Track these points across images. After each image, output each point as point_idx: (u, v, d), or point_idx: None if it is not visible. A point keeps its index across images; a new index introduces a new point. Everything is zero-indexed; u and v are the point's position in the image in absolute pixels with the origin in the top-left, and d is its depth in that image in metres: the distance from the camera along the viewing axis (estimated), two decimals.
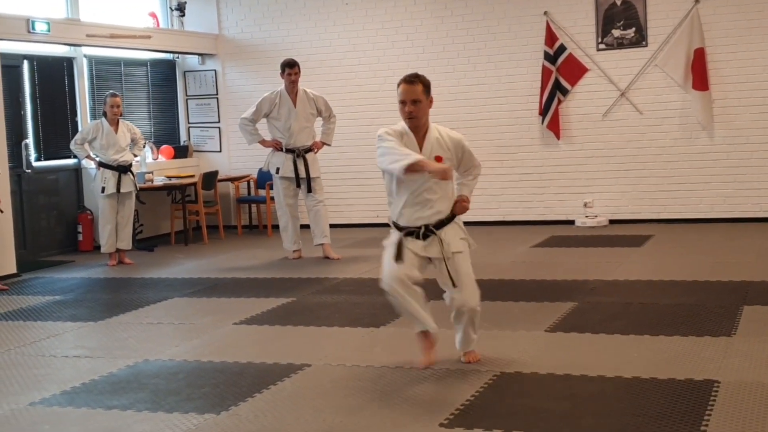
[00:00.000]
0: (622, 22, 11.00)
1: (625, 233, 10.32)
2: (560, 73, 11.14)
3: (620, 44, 11.04)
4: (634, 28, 10.97)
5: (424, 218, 5.25)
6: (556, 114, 11.16)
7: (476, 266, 8.52)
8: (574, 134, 11.27)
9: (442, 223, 5.26)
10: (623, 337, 5.83)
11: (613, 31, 11.04)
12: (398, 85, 5.19)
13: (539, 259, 9.05)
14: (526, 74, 11.33)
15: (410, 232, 5.29)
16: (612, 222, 11.09)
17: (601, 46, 11.12)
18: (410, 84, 5.14)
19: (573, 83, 11.15)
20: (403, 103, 5.14)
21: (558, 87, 11.14)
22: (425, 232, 5.24)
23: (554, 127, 11.19)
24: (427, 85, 5.19)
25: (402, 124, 5.20)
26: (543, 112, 11.19)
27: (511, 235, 10.60)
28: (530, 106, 11.33)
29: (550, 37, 11.13)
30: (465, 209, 5.31)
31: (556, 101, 11.13)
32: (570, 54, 11.12)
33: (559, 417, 4.38)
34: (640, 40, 10.96)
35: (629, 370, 5.05)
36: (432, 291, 5.52)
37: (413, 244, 5.27)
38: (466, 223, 5.54)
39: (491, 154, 11.53)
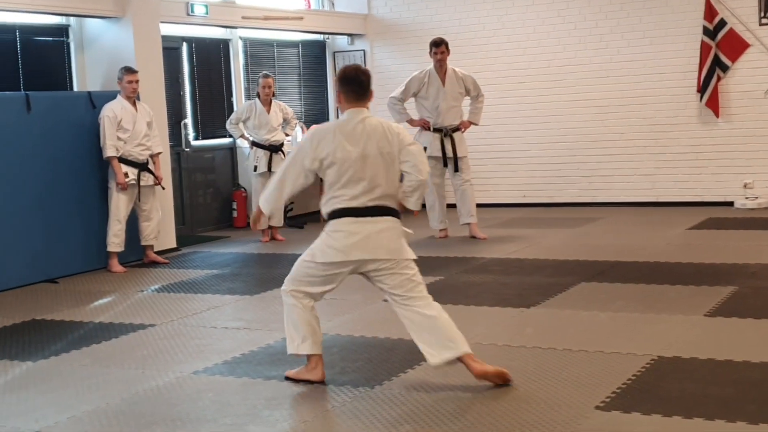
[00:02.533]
0: None
1: None
2: (720, 48, 10.74)
3: None
4: None
5: None
6: (715, 91, 10.78)
7: (630, 248, 8.47)
8: (734, 112, 10.85)
9: None
10: None
11: None
12: None
13: (696, 242, 8.78)
14: (683, 50, 10.98)
15: None
16: None
17: (764, 20, 10.66)
18: None
19: (734, 59, 10.74)
20: None
21: (717, 63, 10.75)
22: None
23: (713, 104, 10.81)
24: None
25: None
26: (701, 89, 10.83)
27: (666, 217, 10.33)
28: (687, 83, 10.98)
29: (710, 12, 10.74)
30: None
31: (715, 78, 10.75)
32: (731, 29, 10.70)
33: (721, 403, 4.26)
34: None
35: None
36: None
37: None
38: (616, 204, 5.42)
39: (645, 132, 11.27)
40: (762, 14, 10.64)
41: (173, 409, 4.58)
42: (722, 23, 10.71)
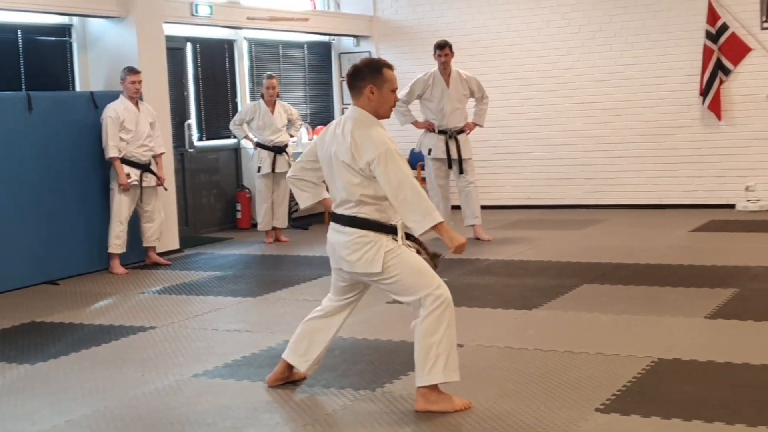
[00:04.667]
0: None
1: None
2: (722, 52, 10.73)
3: None
4: None
5: None
6: (717, 94, 10.77)
7: (632, 250, 8.47)
8: (736, 115, 10.84)
9: None
10: None
11: None
12: (386, 68, 4.47)
13: (698, 244, 8.77)
14: (686, 54, 10.97)
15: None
16: None
17: (766, 24, 10.64)
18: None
19: (736, 63, 10.72)
20: (395, 91, 4.49)
21: (720, 67, 10.74)
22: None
23: (715, 108, 10.80)
24: None
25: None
26: (704, 93, 10.82)
27: (669, 219, 10.32)
28: (690, 87, 10.97)
29: (712, 16, 10.73)
30: None
31: (717, 81, 10.74)
32: (733, 33, 10.69)
33: (720, 406, 4.26)
34: None
35: None
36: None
37: None
38: (619, 206, 5.41)
39: (648, 135, 11.26)
40: (764, 18, 10.62)
41: (172, 412, 4.57)
42: (724, 27, 10.69)
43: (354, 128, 4.38)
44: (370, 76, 4.44)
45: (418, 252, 4.56)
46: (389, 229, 4.45)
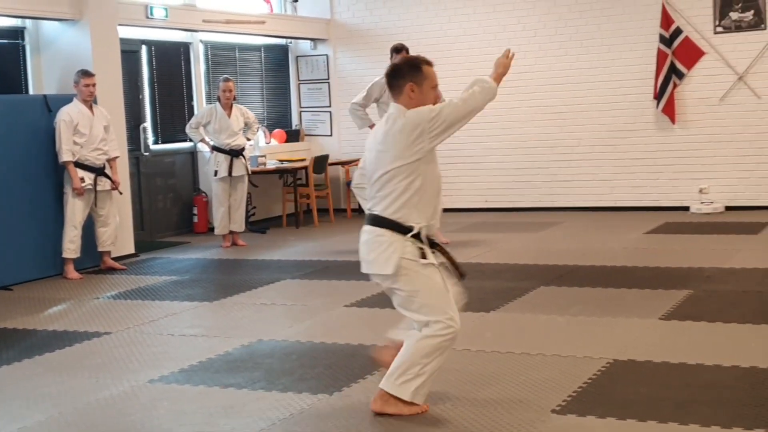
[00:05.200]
0: (740, 5, 10.65)
1: (741, 220, 10.03)
2: (676, 56, 10.86)
3: (738, 27, 10.69)
4: (752, 11, 10.62)
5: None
6: (671, 98, 10.90)
7: (588, 252, 8.55)
8: (689, 119, 10.98)
9: None
10: (740, 326, 5.70)
11: (731, 14, 10.70)
12: (425, 65, 4.40)
13: (653, 246, 8.87)
14: (640, 57, 11.09)
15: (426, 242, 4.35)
16: (728, 208, 10.78)
17: (719, 29, 10.79)
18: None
19: (689, 67, 10.86)
20: (435, 87, 4.43)
21: (673, 70, 10.87)
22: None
23: (669, 111, 10.93)
24: None
25: None
26: (658, 96, 10.94)
27: (624, 222, 10.42)
28: (644, 90, 11.09)
29: (666, 20, 10.86)
30: None
31: (671, 85, 10.87)
32: (686, 37, 10.82)
33: (674, 406, 4.30)
34: (758, 23, 10.59)
35: (746, 360, 4.93)
36: None
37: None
38: (575, 209, 5.45)
39: (604, 138, 11.36)
40: (716, 23, 10.78)
41: (127, 418, 4.53)
42: (678, 31, 10.83)
43: (393, 119, 4.29)
44: (409, 74, 4.35)
45: (451, 261, 4.47)
46: (406, 230, 4.26)
